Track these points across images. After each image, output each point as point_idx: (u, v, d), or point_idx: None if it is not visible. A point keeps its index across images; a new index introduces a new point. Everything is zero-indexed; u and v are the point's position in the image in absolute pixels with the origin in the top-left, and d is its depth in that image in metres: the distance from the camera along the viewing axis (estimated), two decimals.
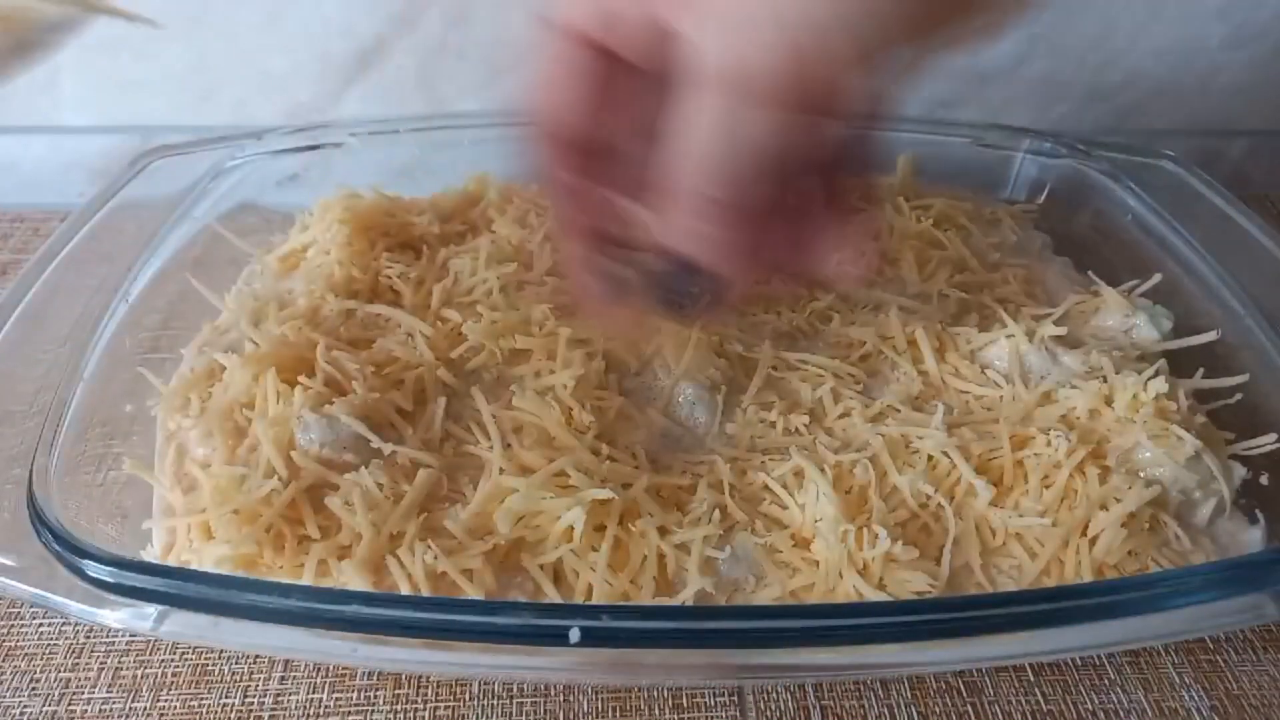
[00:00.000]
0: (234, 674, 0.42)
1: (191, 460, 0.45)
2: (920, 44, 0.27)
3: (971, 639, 0.34)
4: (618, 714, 0.41)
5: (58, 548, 0.36)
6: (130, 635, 0.44)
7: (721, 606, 0.39)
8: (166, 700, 0.41)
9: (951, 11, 0.27)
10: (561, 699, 0.42)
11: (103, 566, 0.35)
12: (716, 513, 0.41)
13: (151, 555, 0.42)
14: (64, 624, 0.44)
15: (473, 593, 0.38)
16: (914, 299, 0.54)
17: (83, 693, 0.42)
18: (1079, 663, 0.44)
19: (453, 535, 0.40)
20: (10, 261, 0.70)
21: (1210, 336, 0.52)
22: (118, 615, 0.34)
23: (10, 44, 0.33)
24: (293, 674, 0.42)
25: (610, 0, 0.29)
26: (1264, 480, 0.45)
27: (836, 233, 0.34)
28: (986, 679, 0.43)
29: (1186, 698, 0.42)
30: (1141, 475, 0.44)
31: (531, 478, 0.41)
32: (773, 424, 0.46)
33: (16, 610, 0.45)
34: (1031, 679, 0.43)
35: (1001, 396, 0.48)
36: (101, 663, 0.43)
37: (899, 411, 0.46)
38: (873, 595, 0.38)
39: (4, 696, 0.41)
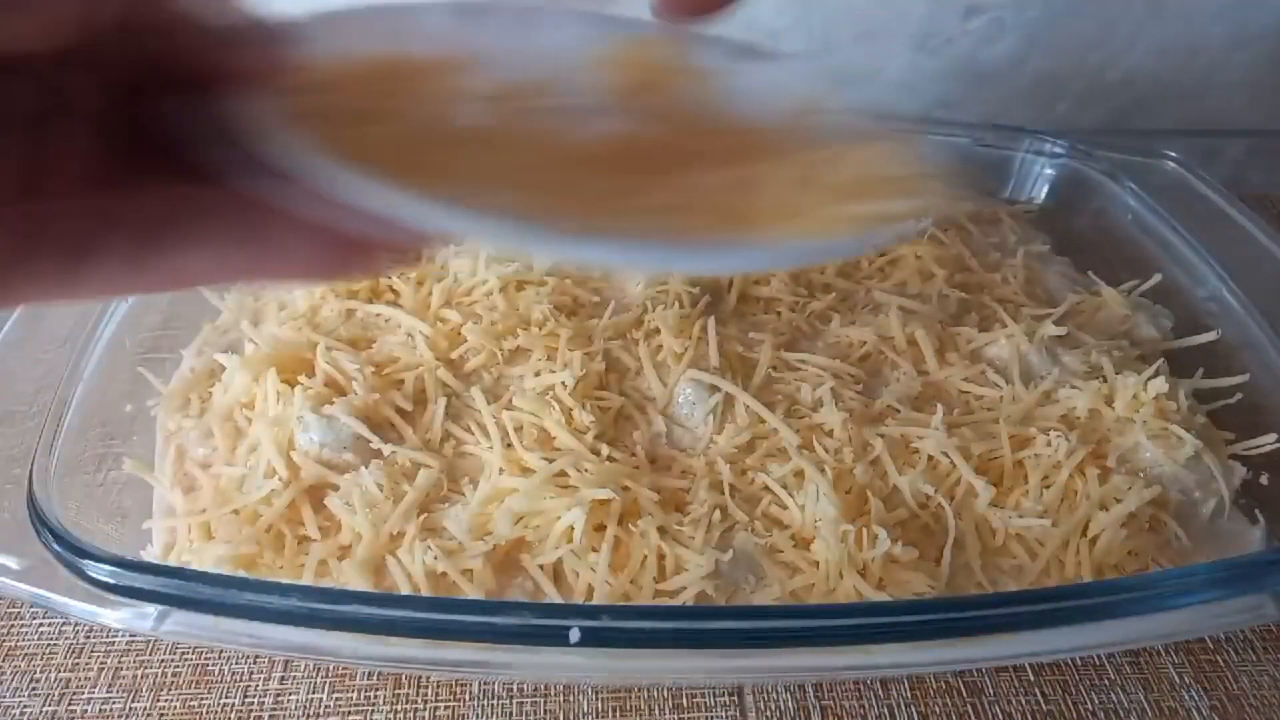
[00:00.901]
0: (234, 674, 0.42)
1: (191, 460, 0.45)
2: None
3: (971, 639, 0.34)
4: (618, 714, 0.41)
5: (58, 548, 0.36)
6: (130, 635, 0.44)
7: (721, 606, 0.39)
8: (166, 700, 0.41)
9: None
10: (561, 699, 0.42)
11: (103, 566, 0.35)
12: (716, 513, 0.41)
13: (151, 555, 0.42)
14: (64, 624, 0.44)
15: (473, 593, 0.38)
16: (914, 299, 0.54)
17: (83, 693, 0.42)
18: (1079, 663, 0.44)
19: (453, 535, 0.40)
20: None
21: (1210, 336, 0.52)
22: (118, 615, 0.34)
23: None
24: (293, 674, 0.42)
25: None
26: (1264, 480, 0.45)
27: None
28: (986, 679, 0.43)
29: (1186, 698, 0.42)
30: (1141, 475, 0.44)
31: (531, 478, 0.41)
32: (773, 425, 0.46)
33: (16, 610, 0.45)
34: (1031, 679, 0.43)
35: (1001, 396, 0.48)
36: (101, 663, 0.43)
37: (899, 411, 0.46)
38: (873, 596, 0.38)
39: (4, 696, 0.41)
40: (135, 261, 0.21)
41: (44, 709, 0.41)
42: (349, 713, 0.41)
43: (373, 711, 0.41)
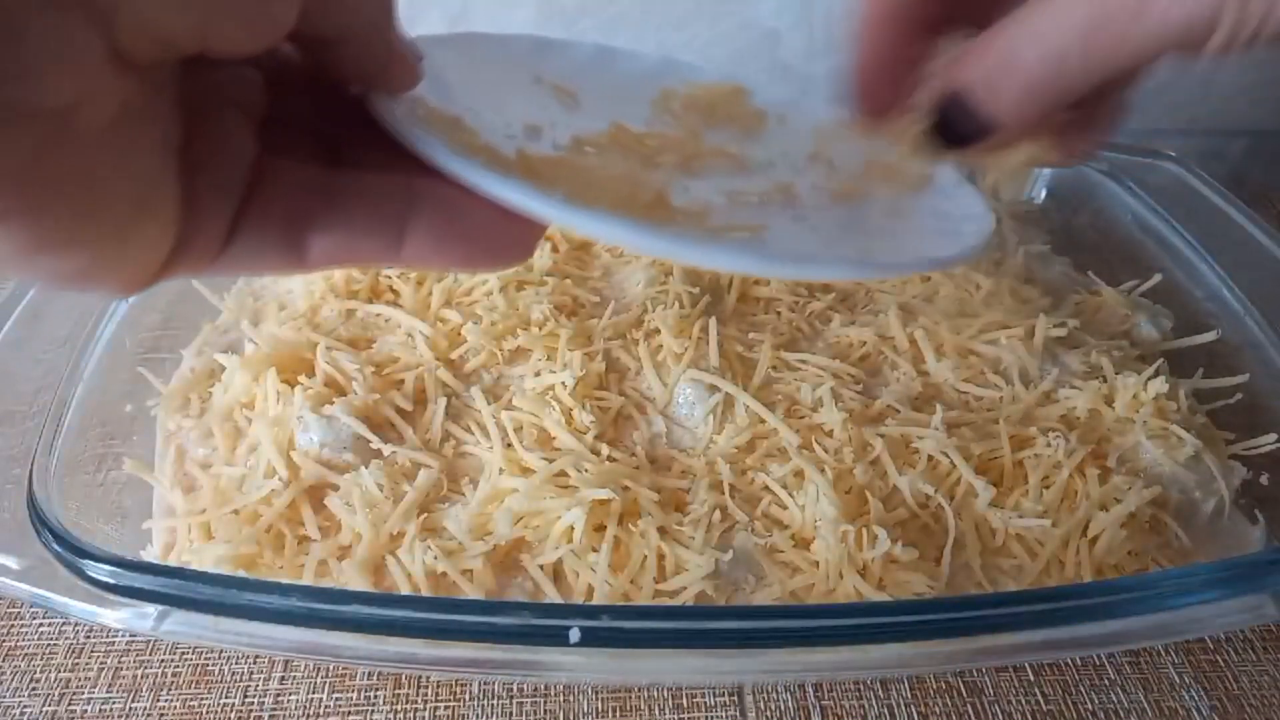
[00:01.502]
0: (234, 674, 0.42)
1: (191, 460, 0.45)
2: None
3: (971, 639, 0.34)
4: (618, 714, 0.41)
5: (58, 548, 0.36)
6: (130, 635, 0.44)
7: (721, 606, 0.39)
8: (166, 700, 0.41)
9: None
10: (561, 699, 0.42)
11: (103, 566, 0.35)
12: (716, 513, 0.41)
13: (151, 555, 0.42)
14: (64, 624, 0.44)
15: (473, 593, 0.38)
16: (914, 299, 0.54)
17: (83, 693, 0.42)
18: (1079, 663, 0.44)
19: (453, 535, 0.40)
20: None
21: (1210, 336, 0.52)
22: (118, 615, 0.34)
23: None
24: (293, 674, 0.42)
25: None
26: (1264, 480, 0.45)
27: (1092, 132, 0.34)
28: (986, 679, 0.43)
29: (1186, 698, 0.42)
30: (1142, 475, 0.44)
31: (531, 478, 0.41)
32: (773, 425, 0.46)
33: (16, 610, 0.45)
34: (1031, 679, 0.43)
35: (1001, 397, 0.48)
36: (101, 663, 0.43)
37: (899, 411, 0.46)
38: (873, 596, 0.38)
39: (4, 696, 0.41)
40: (286, 240, 0.23)
41: (44, 709, 0.41)
42: (349, 713, 0.41)
43: (373, 711, 0.41)
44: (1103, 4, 0.26)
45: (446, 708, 0.41)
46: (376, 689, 0.42)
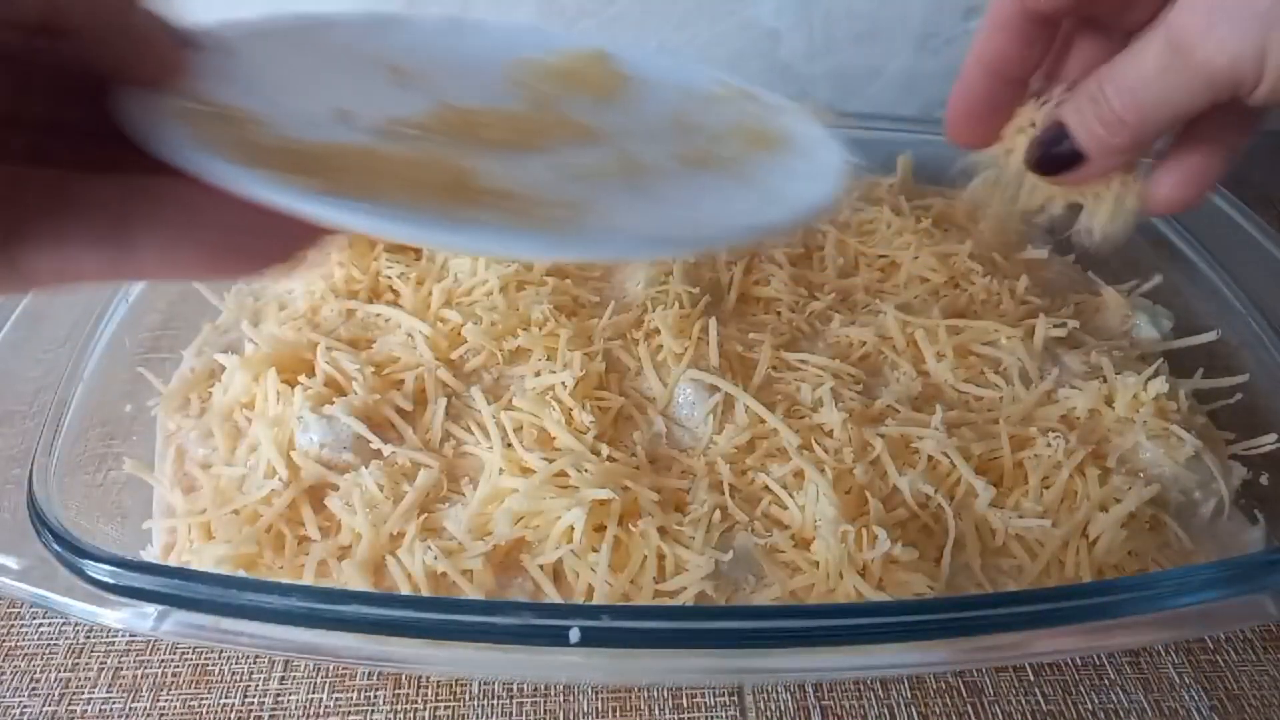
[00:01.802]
0: (234, 674, 0.42)
1: (191, 460, 0.45)
2: None
3: (971, 639, 0.34)
4: (618, 714, 0.41)
5: (58, 548, 0.36)
6: (130, 635, 0.44)
7: (721, 606, 0.39)
8: (166, 700, 0.41)
9: None
10: (561, 699, 0.42)
11: (103, 566, 0.35)
12: (716, 513, 0.41)
13: (151, 555, 0.42)
14: (64, 624, 0.44)
15: (472, 593, 0.38)
16: (913, 299, 0.54)
17: (83, 693, 0.42)
18: (1079, 663, 0.44)
19: (453, 535, 0.40)
20: None
21: (1210, 336, 0.52)
22: (118, 615, 0.34)
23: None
24: (293, 674, 0.42)
25: None
26: (1264, 480, 0.45)
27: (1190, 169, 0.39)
28: (986, 679, 0.43)
29: (1186, 698, 0.42)
30: (1141, 475, 0.44)
31: (531, 478, 0.41)
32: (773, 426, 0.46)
33: (16, 610, 0.45)
34: (1031, 679, 0.43)
35: (1001, 397, 0.48)
36: (101, 663, 0.43)
37: (899, 411, 0.46)
38: (873, 596, 0.38)
39: (4, 696, 0.41)
40: None
41: (44, 709, 0.41)
42: (349, 713, 0.41)
43: (373, 711, 0.41)
44: (1165, 44, 0.30)
45: (446, 708, 0.41)
46: (376, 689, 0.42)
